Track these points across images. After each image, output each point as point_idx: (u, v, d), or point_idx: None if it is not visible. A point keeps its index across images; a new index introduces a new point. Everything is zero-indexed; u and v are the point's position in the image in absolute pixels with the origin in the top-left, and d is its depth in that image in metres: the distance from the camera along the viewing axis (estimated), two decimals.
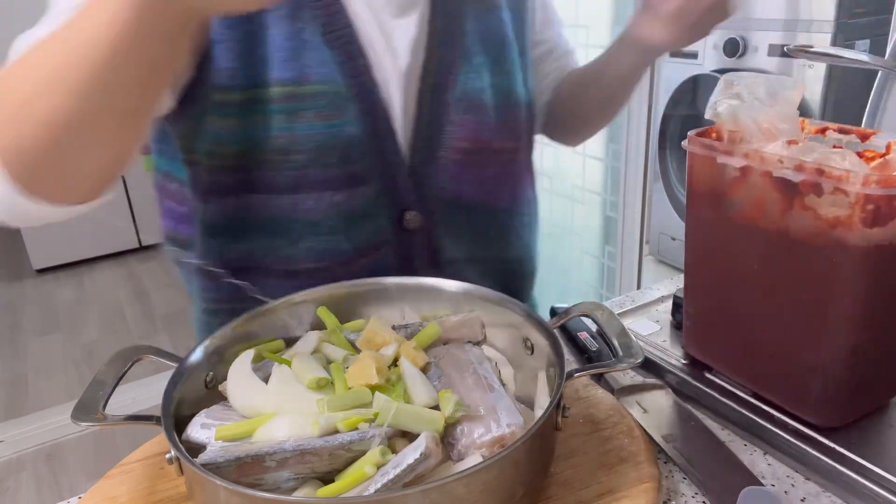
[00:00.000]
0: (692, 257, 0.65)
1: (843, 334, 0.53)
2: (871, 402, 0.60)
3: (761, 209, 0.55)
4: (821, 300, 0.53)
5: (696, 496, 0.54)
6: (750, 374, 0.63)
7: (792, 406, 0.59)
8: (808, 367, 0.56)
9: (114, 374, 0.54)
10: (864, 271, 0.51)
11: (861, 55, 0.68)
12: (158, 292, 3.40)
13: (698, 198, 0.62)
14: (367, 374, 0.52)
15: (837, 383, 0.55)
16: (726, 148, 0.57)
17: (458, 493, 0.42)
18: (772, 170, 0.53)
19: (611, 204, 1.99)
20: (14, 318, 3.22)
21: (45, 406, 2.51)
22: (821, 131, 0.61)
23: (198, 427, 0.52)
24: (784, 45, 1.95)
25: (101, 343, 2.94)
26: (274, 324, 0.65)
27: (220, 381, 0.59)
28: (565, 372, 0.51)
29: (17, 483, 2.13)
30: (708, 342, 0.67)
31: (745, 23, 2.05)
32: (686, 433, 0.61)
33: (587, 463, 0.55)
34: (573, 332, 0.76)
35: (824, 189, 0.50)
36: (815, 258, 0.52)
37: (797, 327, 0.56)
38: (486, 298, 0.64)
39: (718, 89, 0.58)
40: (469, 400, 0.52)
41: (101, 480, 0.57)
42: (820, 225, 0.51)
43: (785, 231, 0.54)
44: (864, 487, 0.51)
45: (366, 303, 0.68)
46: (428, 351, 0.59)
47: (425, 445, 0.45)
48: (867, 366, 0.56)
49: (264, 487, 0.47)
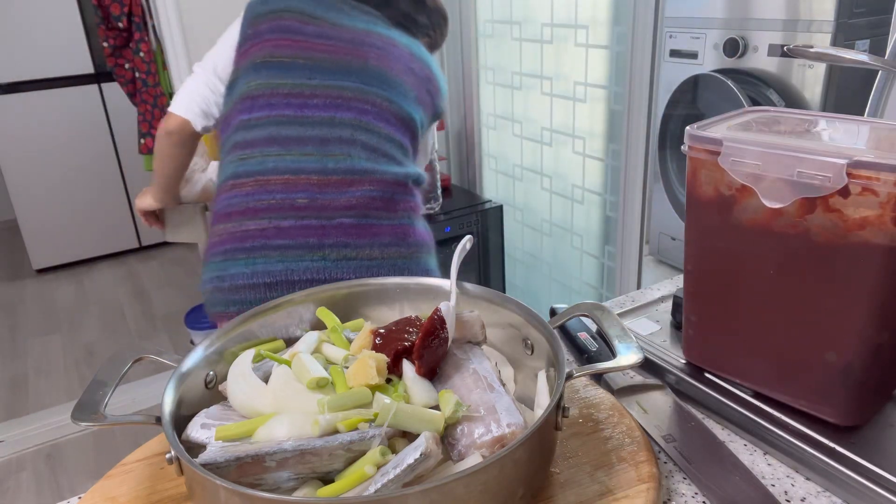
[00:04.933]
0: (693, 263, 0.64)
1: (868, 334, 0.53)
2: (885, 399, 0.59)
3: (777, 213, 0.54)
4: (844, 301, 0.53)
5: (696, 496, 0.54)
6: (759, 379, 0.62)
7: (811, 407, 0.58)
8: (830, 368, 0.55)
9: (114, 374, 0.54)
10: (892, 271, 0.50)
11: (861, 55, 0.68)
12: (158, 292, 3.40)
13: (701, 203, 0.61)
14: (367, 374, 0.52)
15: (860, 382, 0.55)
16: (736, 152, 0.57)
17: (458, 493, 0.42)
18: (792, 174, 0.52)
19: (611, 204, 1.99)
20: (14, 318, 3.22)
21: (45, 406, 2.51)
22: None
23: (198, 427, 0.52)
24: (784, 45, 1.95)
25: (101, 343, 2.94)
26: (274, 324, 0.65)
27: (220, 381, 0.59)
28: (565, 372, 0.51)
29: (17, 483, 2.13)
30: (711, 348, 0.66)
31: (745, 23, 2.05)
32: (686, 433, 0.61)
33: (587, 463, 0.55)
34: (573, 332, 0.76)
35: (851, 190, 0.50)
36: (838, 260, 0.52)
37: (818, 329, 0.55)
38: (486, 298, 0.64)
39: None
40: (469, 400, 0.52)
41: (101, 480, 0.57)
42: (846, 226, 0.51)
43: (805, 234, 0.53)
44: (864, 487, 0.51)
45: (366, 303, 0.68)
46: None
47: (425, 445, 0.45)
48: (887, 363, 0.56)
49: (264, 487, 0.47)
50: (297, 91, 1.10)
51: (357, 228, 1.09)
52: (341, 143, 1.09)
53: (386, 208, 1.11)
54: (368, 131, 1.10)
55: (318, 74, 1.12)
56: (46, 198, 3.58)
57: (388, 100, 1.13)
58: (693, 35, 2.21)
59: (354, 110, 1.11)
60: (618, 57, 1.83)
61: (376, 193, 1.10)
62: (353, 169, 1.09)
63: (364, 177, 1.09)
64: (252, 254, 1.06)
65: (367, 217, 1.09)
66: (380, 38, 1.16)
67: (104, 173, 3.72)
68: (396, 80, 1.15)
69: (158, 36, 2.69)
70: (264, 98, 1.10)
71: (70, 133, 3.57)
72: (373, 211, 1.10)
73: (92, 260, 3.83)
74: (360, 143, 1.10)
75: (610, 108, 1.91)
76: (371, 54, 1.14)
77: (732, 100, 1.99)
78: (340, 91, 1.11)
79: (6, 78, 3.37)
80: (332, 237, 1.07)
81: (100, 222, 3.77)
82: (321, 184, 1.08)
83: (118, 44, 2.90)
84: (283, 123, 1.09)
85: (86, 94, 3.59)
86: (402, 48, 1.19)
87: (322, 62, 1.12)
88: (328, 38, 1.14)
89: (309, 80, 1.11)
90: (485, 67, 2.43)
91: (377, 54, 1.15)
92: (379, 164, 1.11)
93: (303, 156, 1.08)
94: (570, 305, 0.63)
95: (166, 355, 0.58)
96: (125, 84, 2.99)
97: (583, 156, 2.06)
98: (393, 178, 1.11)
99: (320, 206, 1.07)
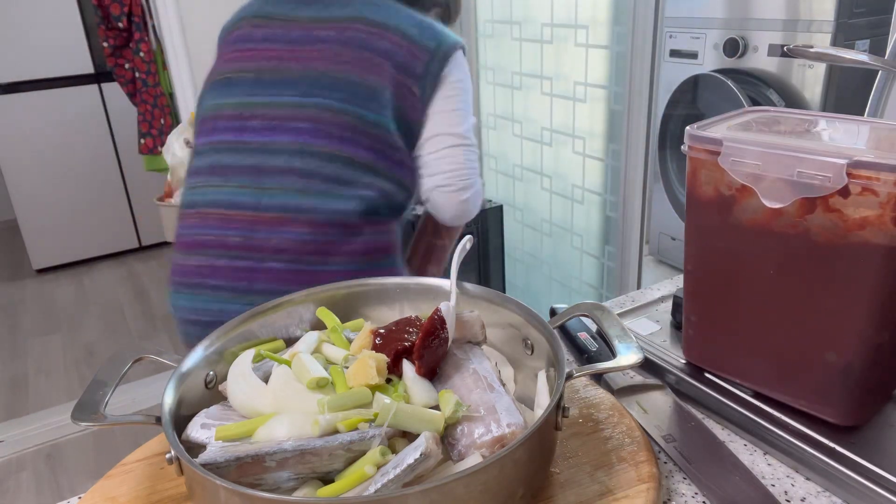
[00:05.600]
0: (693, 263, 0.64)
1: (868, 333, 0.53)
2: (885, 398, 0.59)
3: (777, 213, 0.54)
4: (844, 301, 0.53)
5: (696, 496, 0.54)
6: (759, 379, 0.62)
7: (811, 407, 0.58)
8: (830, 368, 0.55)
9: (114, 374, 0.54)
10: (892, 271, 0.50)
11: (861, 55, 0.68)
12: (158, 292, 3.40)
13: (701, 203, 0.61)
14: (367, 374, 0.52)
15: (860, 382, 0.55)
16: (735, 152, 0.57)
17: (458, 493, 0.42)
18: (792, 174, 0.52)
19: (611, 204, 1.99)
20: (14, 318, 3.22)
21: (45, 406, 2.51)
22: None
23: (198, 427, 0.52)
24: (784, 45, 1.95)
25: (101, 343, 2.94)
26: (274, 324, 0.65)
27: (220, 381, 0.59)
28: (565, 372, 0.51)
29: (17, 483, 2.13)
30: (711, 348, 0.66)
31: (745, 23, 2.05)
32: (686, 433, 0.61)
33: (587, 463, 0.55)
34: (573, 332, 0.76)
35: (851, 190, 0.50)
36: (838, 260, 0.52)
37: (818, 329, 0.55)
38: (486, 298, 0.64)
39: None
40: (469, 400, 0.52)
41: (101, 480, 0.57)
42: (846, 226, 0.51)
43: (805, 233, 0.53)
44: (864, 487, 0.51)
45: (366, 303, 0.68)
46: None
47: (425, 445, 0.45)
48: (888, 363, 0.56)
49: (264, 487, 0.47)
50: (237, 112, 0.99)
51: (288, 275, 0.96)
52: (275, 173, 0.96)
53: (320, 253, 0.96)
54: (305, 154, 0.96)
55: (259, 90, 0.99)
56: (46, 198, 3.58)
57: (333, 109, 0.96)
58: (693, 35, 2.21)
59: (290, 131, 0.96)
60: (618, 57, 1.83)
61: (308, 237, 0.95)
62: (286, 206, 0.96)
63: (298, 215, 0.95)
64: (194, 290, 1.00)
65: (299, 262, 0.96)
66: (334, 26, 0.99)
67: (104, 173, 3.72)
68: (349, 80, 0.97)
69: (158, 36, 2.69)
70: (210, 122, 1.02)
71: (70, 133, 3.57)
72: (305, 256, 0.96)
73: (92, 260, 3.83)
74: (297, 171, 0.96)
75: (610, 108, 1.91)
76: (315, 54, 0.99)
77: (732, 100, 1.99)
78: (277, 109, 0.97)
79: (6, 78, 3.37)
80: (261, 282, 0.96)
81: (100, 222, 3.77)
82: (254, 221, 0.96)
83: (118, 44, 2.90)
84: (223, 150, 0.99)
85: (86, 94, 3.59)
86: (366, 25, 0.99)
87: (264, 73, 0.99)
88: (274, 41, 1.01)
89: (250, 97, 0.99)
90: (485, 67, 2.43)
91: (321, 52, 0.98)
92: (314, 198, 0.96)
93: (239, 188, 0.97)
94: (570, 305, 0.63)
95: (166, 355, 0.58)
96: (125, 84, 3.00)
97: (583, 156, 2.06)
98: (330, 217, 0.96)
99: (251, 246, 0.96)
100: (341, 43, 0.98)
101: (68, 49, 3.49)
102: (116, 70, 2.98)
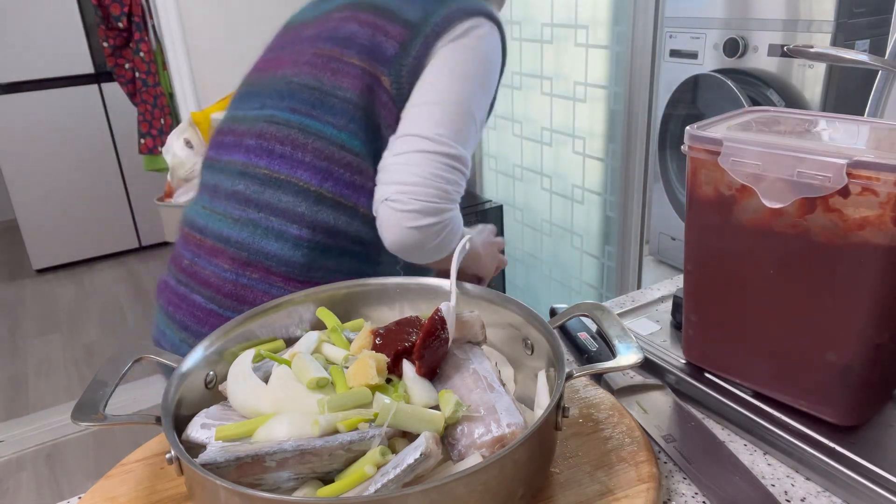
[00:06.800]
0: (693, 263, 0.64)
1: (868, 333, 0.53)
2: (885, 398, 0.59)
3: (777, 213, 0.54)
4: (844, 301, 0.53)
5: (696, 496, 0.54)
6: (759, 379, 0.62)
7: (811, 407, 0.58)
8: (830, 368, 0.55)
9: (114, 374, 0.54)
10: (892, 271, 0.50)
11: (861, 55, 0.68)
12: None
13: (701, 203, 0.61)
14: (367, 374, 0.52)
15: (860, 382, 0.55)
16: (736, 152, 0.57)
17: (458, 493, 0.42)
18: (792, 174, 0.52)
19: (611, 204, 1.99)
20: (14, 318, 3.22)
21: (45, 406, 2.51)
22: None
23: (198, 427, 0.52)
24: (784, 45, 1.95)
25: (101, 343, 2.94)
26: (274, 324, 0.65)
27: (220, 381, 0.59)
28: (565, 372, 0.51)
29: (17, 483, 2.13)
30: (711, 348, 0.66)
31: (744, 23, 2.05)
32: (686, 433, 0.61)
33: (587, 463, 0.55)
34: (573, 332, 0.76)
35: (851, 190, 0.50)
36: (838, 259, 0.52)
37: (818, 329, 0.55)
38: (486, 298, 0.64)
39: None
40: (469, 400, 0.52)
41: (101, 480, 0.57)
42: (846, 226, 0.51)
43: (805, 234, 0.53)
44: (864, 487, 0.51)
45: (366, 303, 0.68)
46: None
47: (425, 445, 0.45)
48: (887, 363, 0.56)
49: (264, 487, 0.46)
50: (222, 127, 0.93)
51: (201, 313, 0.85)
52: (223, 196, 0.86)
53: (234, 297, 0.82)
54: (246, 177, 0.83)
55: (238, 103, 0.92)
56: (46, 198, 3.58)
57: (277, 120, 0.83)
58: (693, 35, 2.21)
59: (240, 149, 0.85)
60: (618, 57, 1.83)
61: (228, 275, 0.82)
62: (220, 235, 0.84)
63: (226, 248, 0.83)
64: (161, 310, 0.95)
65: (213, 302, 0.84)
66: (318, 20, 0.87)
67: (104, 173, 3.72)
68: (301, 83, 0.82)
69: (158, 36, 2.69)
70: (214, 136, 0.96)
71: (70, 133, 3.57)
72: (220, 297, 0.83)
73: (92, 260, 3.83)
74: (238, 195, 0.84)
75: (610, 108, 1.91)
76: (284, 58, 0.87)
77: (732, 100, 1.99)
78: (240, 124, 0.88)
79: (6, 78, 3.37)
80: (182, 312, 0.87)
81: (100, 222, 3.77)
82: (199, 246, 0.86)
83: (118, 44, 2.90)
84: (207, 167, 0.93)
85: (86, 94, 3.59)
86: (340, 11, 0.84)
87: (251, 85, 0.93)
88: (270, 49, 0.94)
89: (233, 111, 0.92)
90: None
91: (290, 55, 0.86)
92: (244, 231, 0.82)
93: (201, 208, 0.90)
94: (570, 305, 0.63)
95: (166, 355, 0.58)
96: (125, 84, 3.00)
97: (583, 156, 2.06)
98: (251, 257, 0.81)
99: (191, 272, 0.87)
100: (311, 40, 0.84)
101: (68, 49, 3.49)
102: (116, 70, 2.98)
